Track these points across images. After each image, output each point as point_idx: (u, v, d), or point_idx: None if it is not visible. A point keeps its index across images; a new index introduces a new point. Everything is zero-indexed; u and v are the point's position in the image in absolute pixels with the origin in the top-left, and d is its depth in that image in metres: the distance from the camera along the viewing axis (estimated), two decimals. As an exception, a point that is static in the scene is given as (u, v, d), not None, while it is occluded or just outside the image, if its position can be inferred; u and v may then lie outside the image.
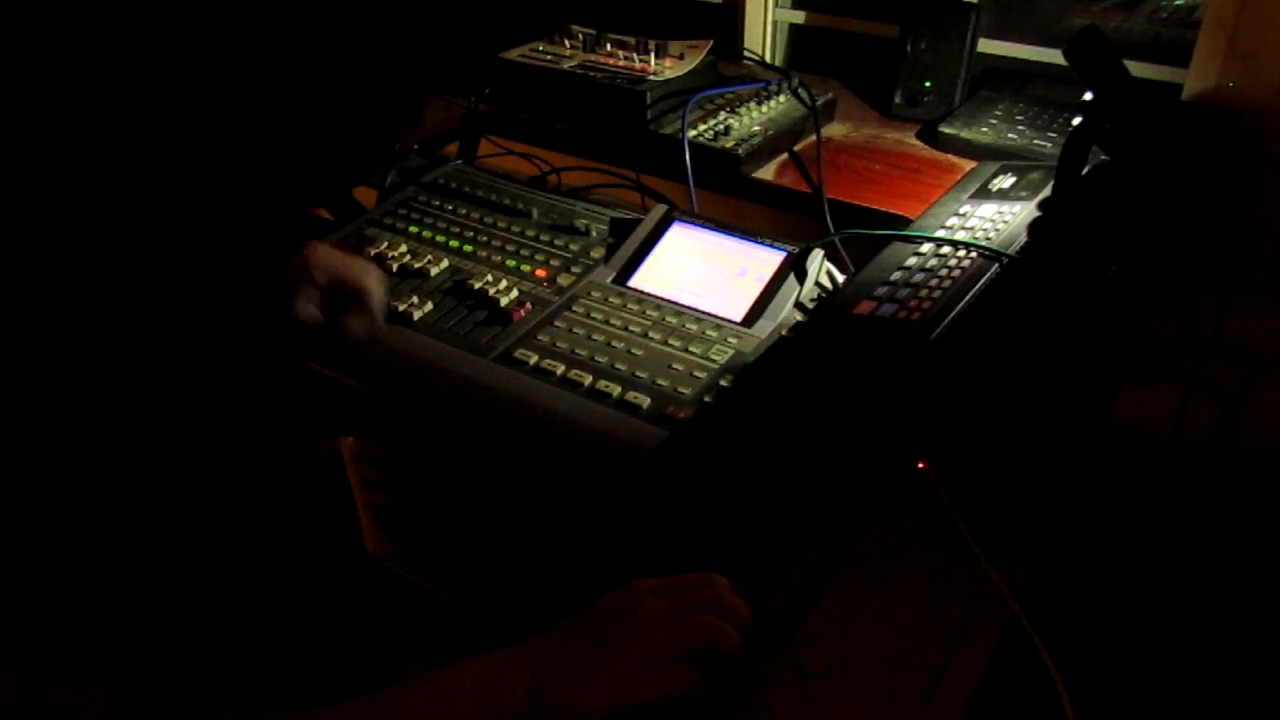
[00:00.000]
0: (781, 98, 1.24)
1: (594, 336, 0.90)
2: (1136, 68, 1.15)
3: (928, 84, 1.23)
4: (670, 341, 0.89)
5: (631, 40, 1.27)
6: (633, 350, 0.88)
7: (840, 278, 0.96)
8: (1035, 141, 1.11)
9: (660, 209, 1.04)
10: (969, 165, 1.08)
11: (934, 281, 0.80)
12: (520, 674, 0.60)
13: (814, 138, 1.16)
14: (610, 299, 0.95)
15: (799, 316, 0.92)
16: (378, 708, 0.57)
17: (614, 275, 0.98)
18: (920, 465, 0.76)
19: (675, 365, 0.86)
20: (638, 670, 0.61)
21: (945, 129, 1.16)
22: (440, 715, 0.59)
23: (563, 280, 0.98)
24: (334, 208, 1.15)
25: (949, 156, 1.15)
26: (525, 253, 1.02)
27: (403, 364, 0.89)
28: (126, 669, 0.52)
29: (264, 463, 0.54)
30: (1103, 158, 0.85)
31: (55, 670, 0.49)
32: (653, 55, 1.23)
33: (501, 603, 0.71)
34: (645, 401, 0.82)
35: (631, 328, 0.91)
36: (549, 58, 1.26)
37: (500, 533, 0.84)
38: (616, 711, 0.60)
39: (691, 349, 0.88)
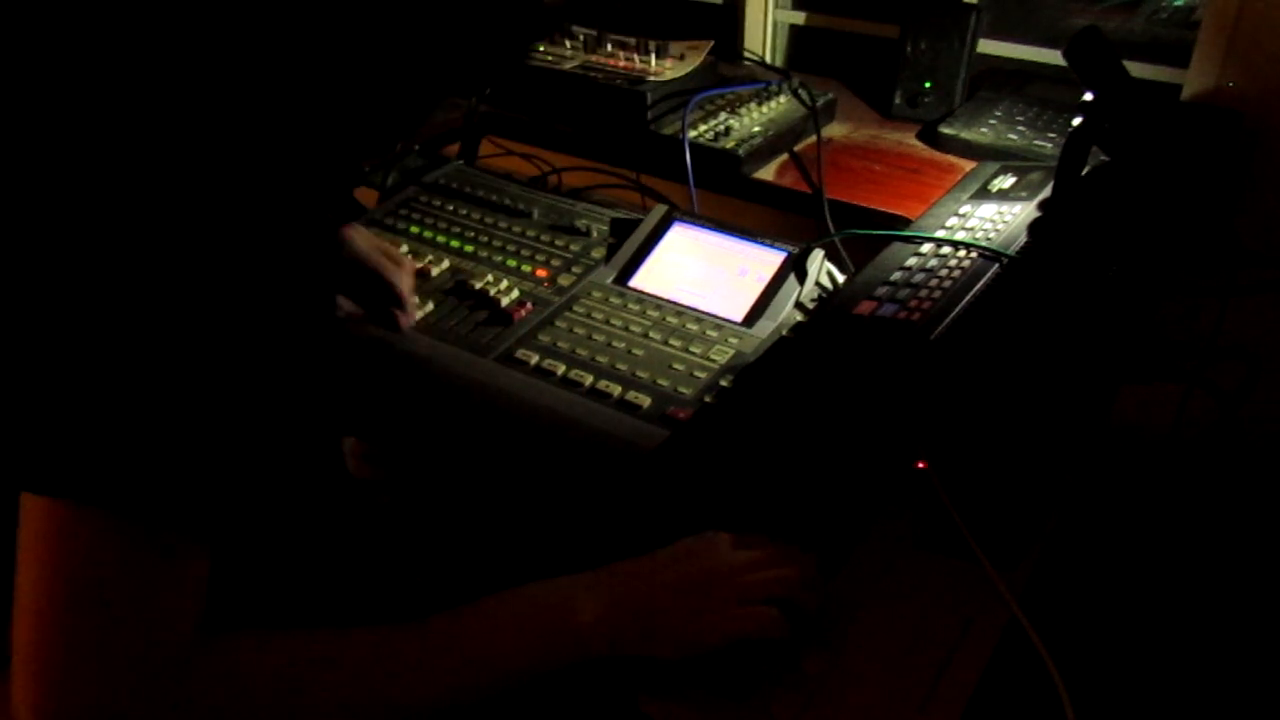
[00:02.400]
0: (782, 98, 1.24)
1: (594, 336, 0.90)
2: (1136, 68, 1.15)
3: (928, 84, 1.23)
4: (670, 341, 0.89)
5: (632, 41, 1.27)
6: (633, 350, 0.88)
7: (840, 278, 0.96)
8: (1035, 142, 1.11)
9: (660, 209, 1.04)
10: (969, 165, 1.08)
11: (934, 282, 0.80)
12: (596, 597, 0.63)
13: (814, 138, 1.16)
14: (611, 299, 0.95)
15: (799, 316, 0.92)
16: (456, 624, 0.60)
17: (614, 275, 0.98)
18: (920, 465, 0.76)
19: (675, 365, 0.86)
20: (720, 609, 0.63)
21: (945, 129, 1.16)
22: (512, 631, 0.61)
23: (563, 280, 0.98)
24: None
25: (949, 157, 1.15)
26: (526, 253, 1.02)
27: (403, 364, 0.89)
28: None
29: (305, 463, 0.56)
30: (1103, 158, 0.86)
31: (148, 537, 0.49)
32: (653, 56, 1.24)
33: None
34: (645, 401, 0.82)
35: (632, 328, 0.91)
36: (550, 58, 1.26)
37: (501, 532, 0.85)
38: (692, 649, 0.63)
39: (692, 349, 0.88)
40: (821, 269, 0.95)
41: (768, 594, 0.64)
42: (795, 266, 0.94)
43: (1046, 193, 0.88)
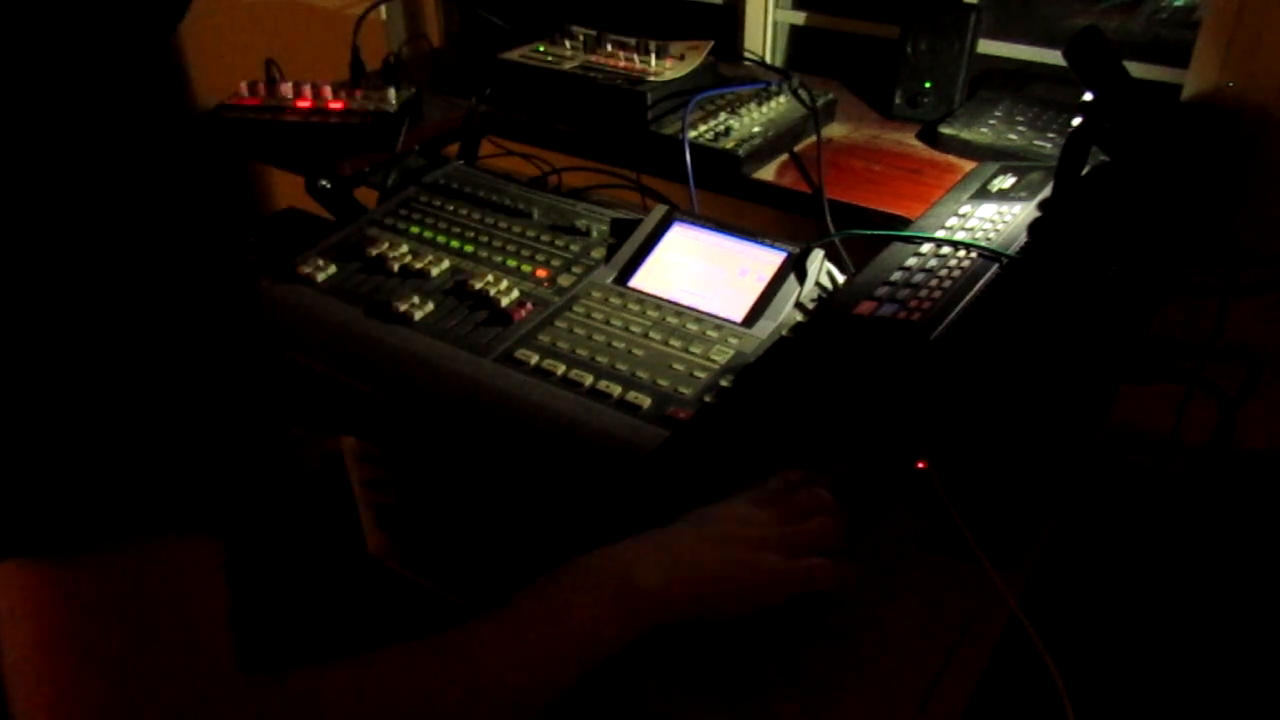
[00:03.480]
0: (782, 98, 1.24)
1: (594, 337, 0.90)
2: (1136, 68, 1.15)
3: (928, 85, 1.23)
4: (671, 342, 0.89)
5: (632, 41, 1.27)
6: (633, 350, 0.88)
7: (840, 278, 0.96)
8: (1035, 142, 1.11)
9: (660, 209, 1.04)
10: (969, 165, 1.08)
11: (934, 282, 0.80)
12: (655, 566, 0.62)
13: (814, 138, 1.16)
14: (611, 299, 0.95)
15: (799, 316, 0.92)
16: (492, 631, 0.57)
17: (614, 275, 0.98)
18: (920, 465, 0.76)
19: (676, 365, 0.86)
20: (772, 566, 0.63)
21: (945, 129, 1.16)
22: (582, 605, 0.59)
23: (563, 280, 0.98)
24: (334, 207, 1.16)
25: (949, 157, 1.15)
26: (526, 253, 1.02)
27: (403, 364, 0.89)
28: None
29: (260, 461, 0.52)
30: (1103, 158, 0.86)
31: (168, 551, 0.43)
32: (653, 56, 1.24)
33: (500, 601, 0.71)
34: (645, 401, 0.82)
35: (632, 328, 0.91)
36: (549, 58, 1.26)
37: (501, 533, 0.85)
38: (748, 608, 0.63)
39: (692, 349, 0.88)
40: (821, 269, 0.95)
41: (812, 546, 0.65)
42: (795, 266, 0.94)
43: (1046, 193, 0.88)
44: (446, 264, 1.01)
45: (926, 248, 0.86)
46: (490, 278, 0.98)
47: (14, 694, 0.41)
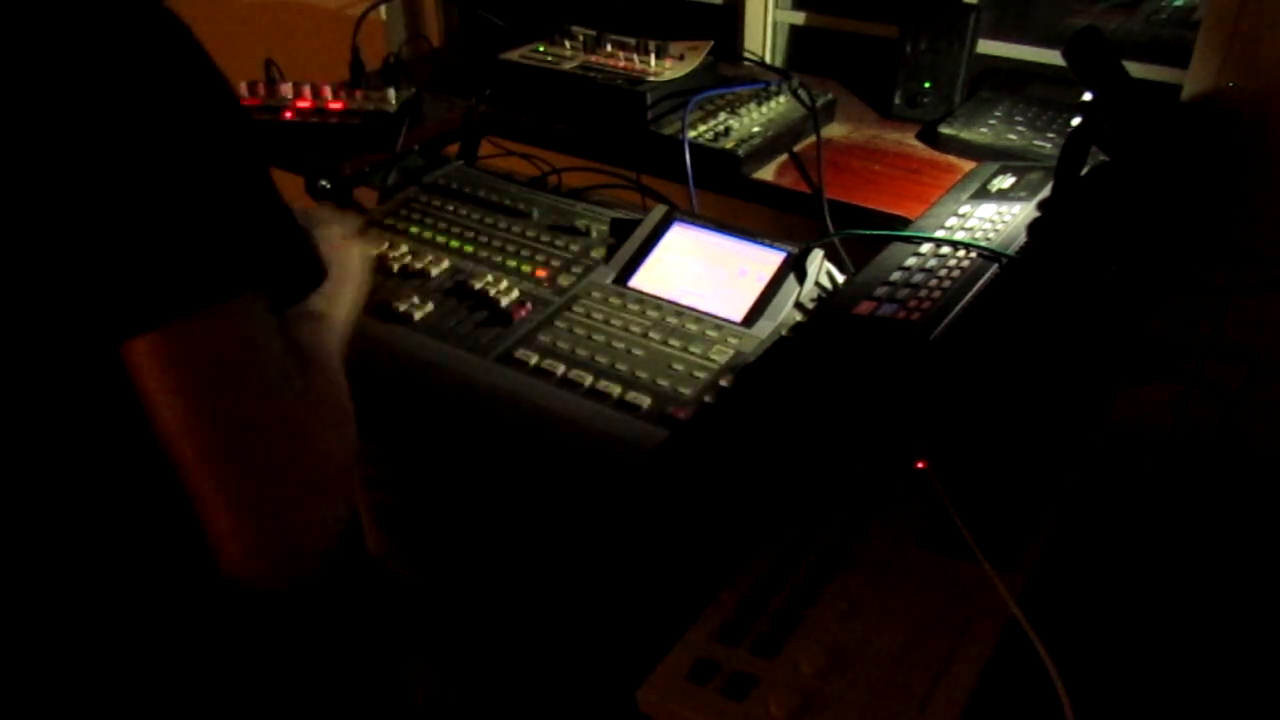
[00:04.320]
0: (781, 98, 1.24)
1: (594, 337, 0.90)
2: (1136, 68, 1.15)
3: (927, 85, 1.23)
4: (670, 342, 0.89)
5: (632, 41, 1.27)
6: (633, 350, 0.88)
7: (840, 278, 0.96)
8: (1035, 142, 1.11)
9: (660, 209, 1.04)
10: (969, 166, 1.08)
11: (934, 282, 0.80)
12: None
13: (814, 138, 1.16)
14: (610, 299, 0.95)
15: (799, 316, 0.92)
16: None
17: (614, 275, 0.98)
18: (920, 465, 0.76)
19: (675, 365, 0.86)
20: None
21: (945, 130, 1.16)
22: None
23: (563, 280, 0.98)
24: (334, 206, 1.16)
25: (949, 157, 1.15)
26: (526, 253, 1.02)
27: (403, 364, 0.89)
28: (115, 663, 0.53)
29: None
30: (1102, 158, 0.86)
31: (240, 306, 0.56)
32: (653, 56, 1.24)
33: (500, 601, 0.71)
34: (645, 401, 0.82)
35: (632, 328, 0.91)
36: (549, 59, 1.26)
37: (500, 532, 0.85)
38: None
39: (691, 349, 0.88)
40: (821, 269, 0.95)
41: None
42: (795, 266, 0.95)
43: (1046, 193, 0.88)
44: (446, 264, 1.01)
45: (926, 248, 0.86)
46: (490, 278, 0.98)
47: (164, 425, 0.53)
